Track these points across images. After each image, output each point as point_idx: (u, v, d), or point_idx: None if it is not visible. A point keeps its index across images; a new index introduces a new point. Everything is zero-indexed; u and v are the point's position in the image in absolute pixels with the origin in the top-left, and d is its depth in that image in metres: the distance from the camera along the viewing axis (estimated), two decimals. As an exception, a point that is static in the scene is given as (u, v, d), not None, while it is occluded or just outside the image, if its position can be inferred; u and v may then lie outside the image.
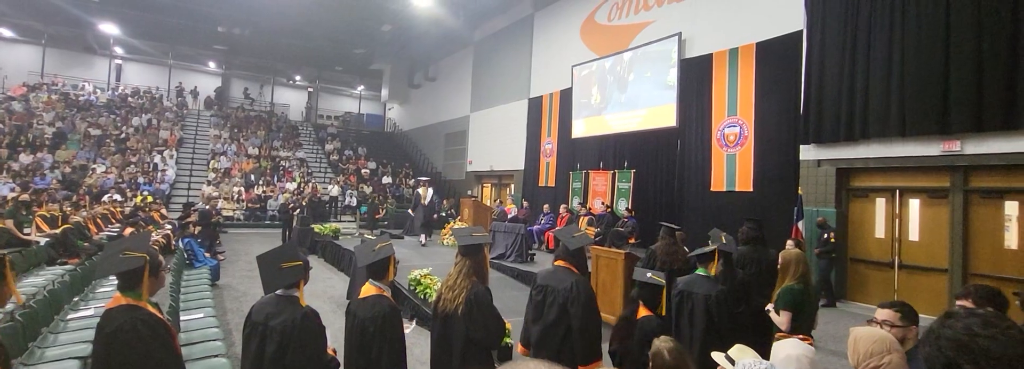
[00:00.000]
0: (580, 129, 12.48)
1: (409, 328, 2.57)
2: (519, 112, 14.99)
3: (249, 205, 15.93)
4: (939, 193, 6.52)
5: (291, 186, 17.04)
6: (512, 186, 15.77)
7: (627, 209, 10.12)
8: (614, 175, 11.27)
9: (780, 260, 3.40)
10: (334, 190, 17.31)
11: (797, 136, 7.79)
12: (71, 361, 3.25)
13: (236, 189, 16.33)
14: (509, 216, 11.44)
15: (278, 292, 2.33)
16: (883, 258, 6.99)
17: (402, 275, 6.94)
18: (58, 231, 7.91)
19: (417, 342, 4.84)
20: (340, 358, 2.53)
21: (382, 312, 2.43)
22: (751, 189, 8.52)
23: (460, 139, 18.75)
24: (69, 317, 4.26)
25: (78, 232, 8.04)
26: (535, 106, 14.35)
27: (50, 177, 14.07)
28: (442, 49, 19.98)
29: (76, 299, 4.96)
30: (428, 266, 6.91)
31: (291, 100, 27.29)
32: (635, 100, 10.93)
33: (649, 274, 2.97)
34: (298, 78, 26.88)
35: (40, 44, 20.51)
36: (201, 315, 4.57)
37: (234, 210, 15.49)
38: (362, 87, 27.85)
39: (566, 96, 12.99)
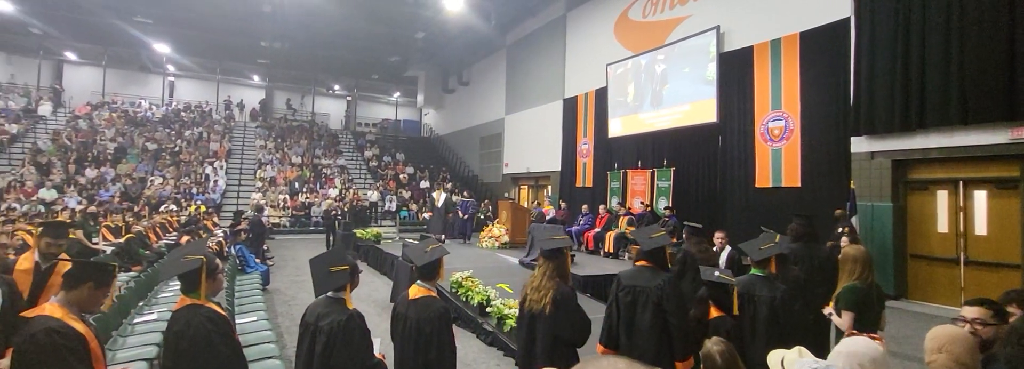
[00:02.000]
0: (616, 128, 12.32)
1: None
2: (554, 113, 14.94)
3: (294, 212, 16.47)
4: (1008, 184, 6.08)
5: (333, 193, 17.52)
6: (549, 187, 15.72)
7: (667, 208, 9.91)
8: (653, 174, 11.06)
9: (840, 258, 3.24)
10: (374, 196, 17.70)
11: (848, 128, 7.44)
12: (139, 362, 3.43)
13: (281, 197, 16.92)
14: (547, 218, 11.41)
15: (329, 294, 2.43)
16: (947, 254, 6.58)
17: (444, 277, 7.01)
18: (122, 240, 8.41)
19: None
20: (390, 361, 2.58)
21: (437, 313, 2.52)
22: (799, 184, 8.19)
23: (495, 142, 18.85)
24: (136, 321, 4.50)
25: (140, 241, 8.51)
26: (570, 106, 14.27)
27: (113, 189, 14.97)
28: (475, 53, 20.17)
29: (141, 304, 5.24)
30: (469, 269, 6.95)
31: (331, 109, 28.12)
32: (673, 97, 10.71)
33: (717, 273, 2.87)
34: (337, 87, 27.69)
35: (101, 65, 21.92)
36: (254, 318, 4.74)
37: (280, 217, 16.05)
38: (398, 94, 28.42)
39: (601, 95, 12.86)
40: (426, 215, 16.55)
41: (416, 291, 2.64)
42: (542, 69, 15.81)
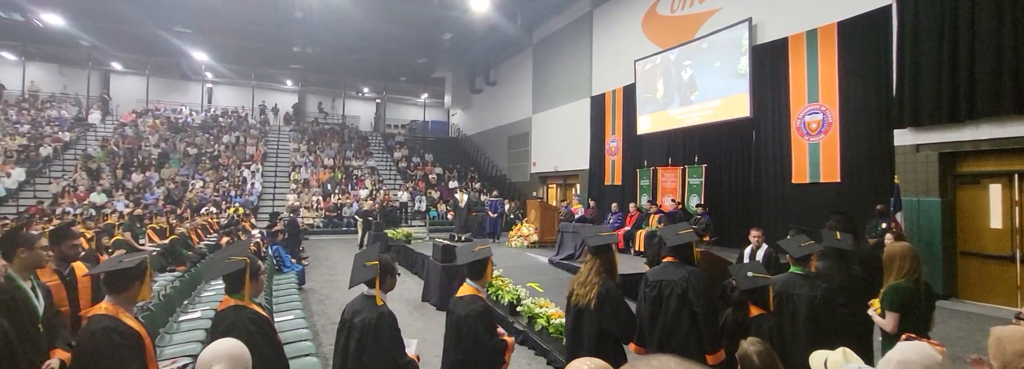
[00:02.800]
0: (646, 125, 12.14)
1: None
2: (581, 111, 14.84)
3: (327, 213, 16.86)
4: (1071, 176, 5.71)
5: (363, 193, 17.86)
6: (577, 186, 15.62)
7: (699, 205, 9.70)
8: (684, 171, 10.86)
9: (884, 255, 3.10)
10: (404, 196, 17.95)
11: (890, 120, 7.12)
12: (184, 358, 3.57)
13: (314, 198, 17.34)
14: (576, 216, 11.34)
15: (364, 292, 2.51)
16: (1002, 251, 6.21)
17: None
18: (166, 241, 8.78)
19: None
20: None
21: (475, 311, 2.60)
22: (838, 180, 7.89)
23: (523, 141, 18.85)
24: (181, 319, 4.68)
25: (183, 242, 8.86)
26: (598, 104, 14.13)
27: (157, 193, 15.64)
28: (501, 53, 20.22)
29: (186, 302, 5.45)
30: (499, 268, 6.97)
31: (361, 112, 28.65)
32: (704, 92, 10.48)
33: (750, 273, 2.81)
34: (366, 90, 28.20)
35: (144, 74, 22.93)
36: (291, 317, 4.87)
37: (313, 218, 16.45)
38: (426, 95, 28.75)
39: (630, 92, 12.69)
40: (449, 215, 16.84)
41: (464, 289, 2.75)
42: (569, 67, 15.72)
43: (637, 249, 9.56)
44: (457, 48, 20.25)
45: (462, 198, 13.13)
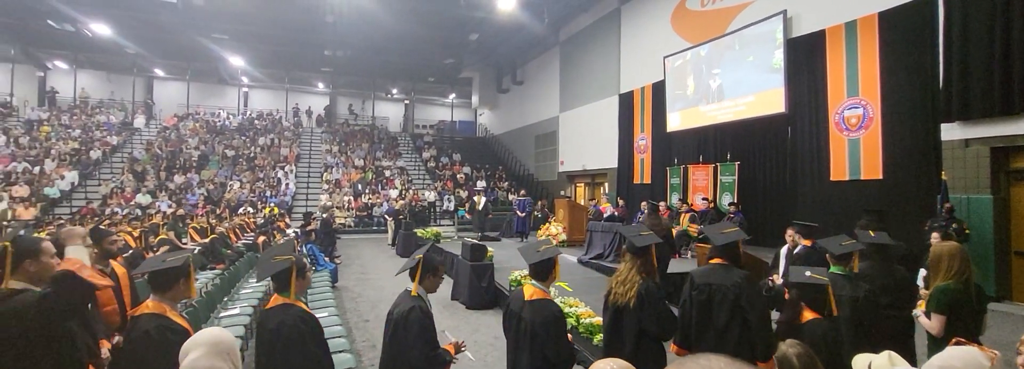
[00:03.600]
0: (675, 122, 11.93)
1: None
2: (609, 109, 14.69)
3: (358, 213, 17.19)
4: None
5: (393, 193, 18.13)
6: (606, 185, 15.47)
7: (732, 204, 9.47)
8: (716, 168, 10.62)
9: (931, 255, 2.97)
10: (432, 196, 18.15)
11: (937, 114, 6.80)
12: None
13: (346, 198, 17.71)
14: (605, 215, 11.23)
15: (408, 286, 2.61)
16: (1062, 252, 5.86)
17: (502, 276, 7.08)
18: (207, 240, 9.11)
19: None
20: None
21: (554, 316, 2.54)
22: (880, 176, 7.58)
23: (550, 140, 18.79)
24: (221, 315, 4.85)
25: (222, 241, 9.17)
26: (626, 102, 13.97)
27: (198, 193, 16.25)
28: (528, 52, 20.20)
29: (226, 299, 5.65)
30: (527, 267, 6.96)
31: (390, 113, 29.09)
32: (736, 87, 10.23)
33: (808, 273, 2.67)
34: (395, 91, 28.61)
35: (185, 80, 23.87)
36: (326, 314, 4.98)
37: (345, 218, 16.80)
38: (453, 95, 28.98)
39: (659, 89, 12.50)
40: (466, 216, 16.96)
41: (531, 292, 2.62)
42: (596, 65, 15.58)
43: (668, 248, 9.40)
44: (484, 48, 20.33)
45: (480, 201, 13.79)
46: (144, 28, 17.78)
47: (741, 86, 10.09)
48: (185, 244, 9.02)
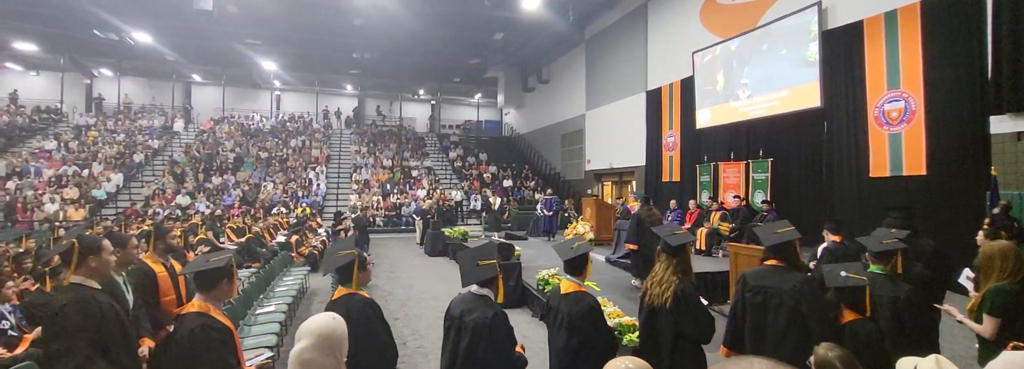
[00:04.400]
0: (705, 119, 11.68)
1: None
2: (637, 106, 14.49)
3: (386, 212, 17.45)
4: None
5: (421, 193, 18.34)
6: (633, 183, 15.28)
7: (764, 201, 9.22)
8: (748, 165, 10.36)
9: (981, 255, 2.82)
10: (459, 195, 18.27)
11: (985, 106, 6.47)
12: (267, 351, 3.80)
13: (375, 198, 18.00)
14: (632, 214, 11.09)
15: (473, 290, 2.57)
16: None
17: (529, 275, 7.07)
18: (243, 240, 9.39)
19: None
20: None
21: (589, 307, 2.62)
22: (924, 172, 7.25)
23: (577, 138, 18.67)
24: (257, 312, 4.99)
25: (257, 240, 9.45)
26: (654, 98, 13.75)
27: (234, 194, 16.77)
28: (553, 51, 20.12)
29: (261, 297, 5.81)
30: (554, 266, 6.94)
31: (416, 113, 29.43)
32: (768, 82, 9.95)
33: (844, 274, 2.57)
34: (421, 92, 28.93)
35: (220, 84, 24.67)
36: (357, 312, 5.07)
37: (373, 217, 17.07)
38: (479, 95, 29.12)
39: (687, 85, 12.26)
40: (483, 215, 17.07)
41: (567, 286, 2.75)
42: (623, 62, 15.40)
43: (698, 248, 9.22)
44: (509, 47, 20.35)
45: (495, 201, 14.59)
46: (182, 35, 18.46)
47: (774, 80, 9.81)
48: (223, 243, 9.32)
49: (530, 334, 5.45)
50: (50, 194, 14.57)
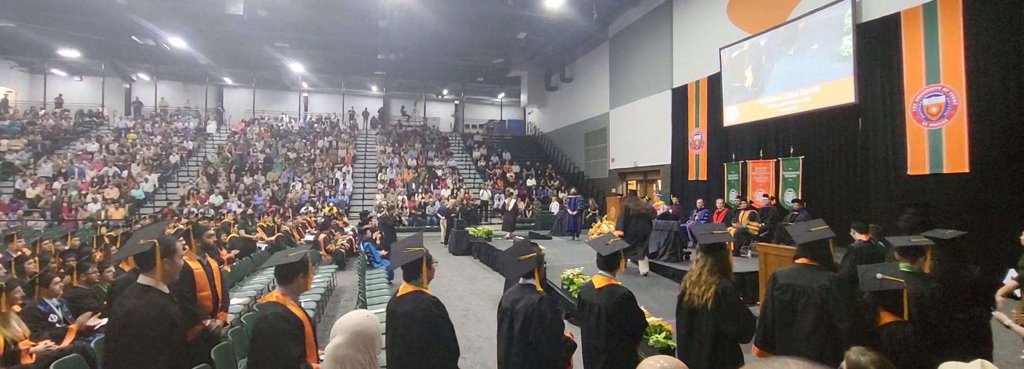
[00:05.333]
0: (733, 116, 11.45)
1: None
2: (662, 104, 14.30)
3: (412, 211, 17.64)
4: None
5: (445, 192, 18.47)
6: (658, 182, 15.08)
7: (795, 200, 8.98)
8: (778, 163, 10.11)
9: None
10: (484, 194, 18.34)
11: (1034, 100, 6.16)
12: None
13: (400, 198, 18.21)
14: (659, 213, 10.95)
15: (520, 282, 2.75)
16: None
17: (554, 274, 7.05)
18: (273, 238, 9.63)
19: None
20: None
21: (624, 297, 2.76)
22: (966, 170, 6.95)
23: (601, 137, 18.53)
24: (287, 308, 5.10)
25: (287, 239, 9.68)
26: (679, 96, 13.54)
27: (264, 194, 17.21)
28: (577, 49, 20.01)
29: (290, 294, 5.93)
30: (579, 265, 6.90)
31: (440, 113, 29.67)
32: (799, 78, 9.68)
33: (880, 276, 2.48)
34: (445, 92, 29.16)
35: (251, 87, 25.34)
36: (383, 309, 5.13)
37: (399, 216, 17.27)
38: (502, 95, 29.17)
39: (714, 82, 12.03)
40: (527, 214, 17.06)
41: (600, 280, 2.88)
42: (647, 59, 15.21)
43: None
44: (532, 46, 20.32)
45: (510, 203, 14.98)
46: (214, 40, 19.03)
47: (805, 76, 9.54)
48: (256, 241, 9.56)
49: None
50: (92, 194, 15.21)
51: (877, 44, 8.23)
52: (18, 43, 19.34)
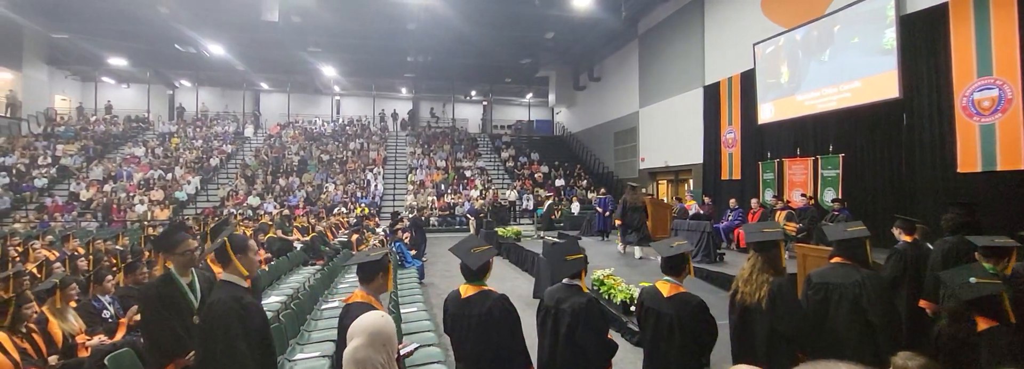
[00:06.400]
0: (768, 113, 11.13)
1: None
2: (693, 102, 14.03)
3: (441, 212, 17.81)
4: None
5: (474, 193, 18.58)
6: (690, 181, 14.80)
7: (835, 200, 8.66)
8: (816, 162, 9.78)
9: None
10: (512, 195, 18.37)
11: (1098, 92, 5.77)
12: (328, 343, 3.98)
13: (430, 198, 18.42)
14: (690, 213, 10.75)
15: (565, 281, 2.76)
16: None
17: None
18: (308, 238, 9.88)
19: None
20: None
21: (699, 308, 2.65)
22: (1023, 167, 6.56)
23: (630, 136, 18.31)
24: (322, 307, 5.23)
25: (321, 239, 9.90)
26: (712, 93, 13.25)
27: (298, 195, 17.68)
28: (606, 48, 19.84)
29: (326, 292, 6.08)
30: (610, 266, 6.83)
31: (469, 115, 29.88)
32: (839, 73, 9.34)
33: (974, 280, 2.32)
34: (474, 93, 29.36)
35: (285, 91, 26.11)
36: (414, 308, 5.21)
37: (428, 217, 17.47)
38: (530, 95, 29.18)
39: (748, 78, 11.73)
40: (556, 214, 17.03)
41: (668, 288, 2.73)
42: (678, 56, 14.95)
43: (762, 248, 8.79)
44: (560, 46, 20.25)
45: (545, 203, 15.44)
46: (251, 46, 19.67)
47: (845, 71, 9.20)
48: (292, 240, 9.82)
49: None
50: (139, 196, 15.93)
51: (922, 36, 7.87)
52: (72, 53, 20.47)
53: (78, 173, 17.19)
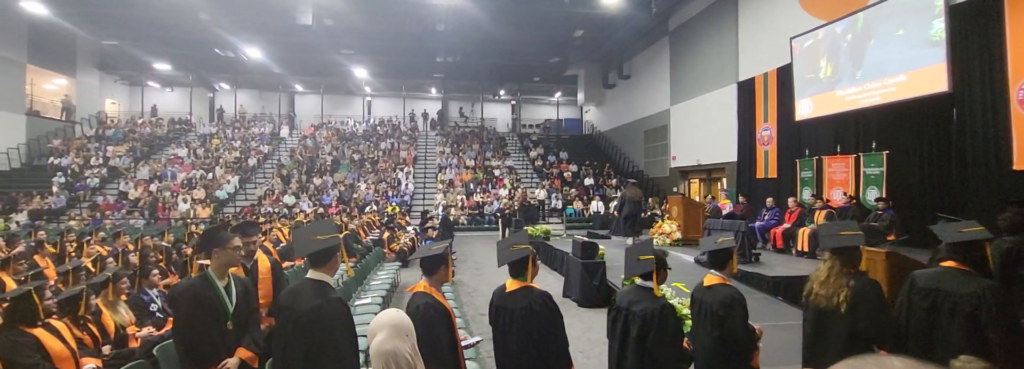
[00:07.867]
0: (806, 109, 10.77)
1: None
2: (726, 99, 13.70)
3: (470, 211, 17.93)
4: None
5: (503, 192, 18.63)
6: (723, 180, 14.47)
7: (879, 199, 8.31)
8: (858, 159, 9.40)
9: None
10: (541, 194, 18.33)
11: None
12: (360, 338, 4.05)
13: (459, 197, 18.57)
14: (723, 212, 10.51)
15: (638, 282, 2.76)
16: None
17: (614, 275, 6.93)
18: (341, 236, 10.09)
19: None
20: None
21: (730, 297, 2.69)
22: (1087, 164, 6.16)
23: (661, 135, 18.02)
24: (355, 304, 5.34)
25: (353, 237, 10.11)
26: (746, 90, 12.91)
27: (332, 194, 18.10)
28: (636, 45, 19.58)
29: (359, 289, 6.21)
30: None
31: (497, 114, 29.98)
32: (883, 66, 8.95)
33: None
34: (502, 93, 29.43)
35: (319, 93, 26.78)
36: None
37: (458, 216, 17.62)
38: (559, 94, 29.07)
39: (785, 74, 11.37)
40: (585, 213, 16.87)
41: (711, 279, 2.85)
42: (711, 52, 14.62)
43: (800, 249, 8.54)
44: (589, 44, 20.09)
45: (577, 203, 16.02)
46: (286, 49, 20.26)
47: (889, 64, 8.81)
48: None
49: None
50: (182, 195, 16.61)
51: (974, 27, 7.46)
52: (120, 59, 21.53)
53: (126, 173, 18.05)
